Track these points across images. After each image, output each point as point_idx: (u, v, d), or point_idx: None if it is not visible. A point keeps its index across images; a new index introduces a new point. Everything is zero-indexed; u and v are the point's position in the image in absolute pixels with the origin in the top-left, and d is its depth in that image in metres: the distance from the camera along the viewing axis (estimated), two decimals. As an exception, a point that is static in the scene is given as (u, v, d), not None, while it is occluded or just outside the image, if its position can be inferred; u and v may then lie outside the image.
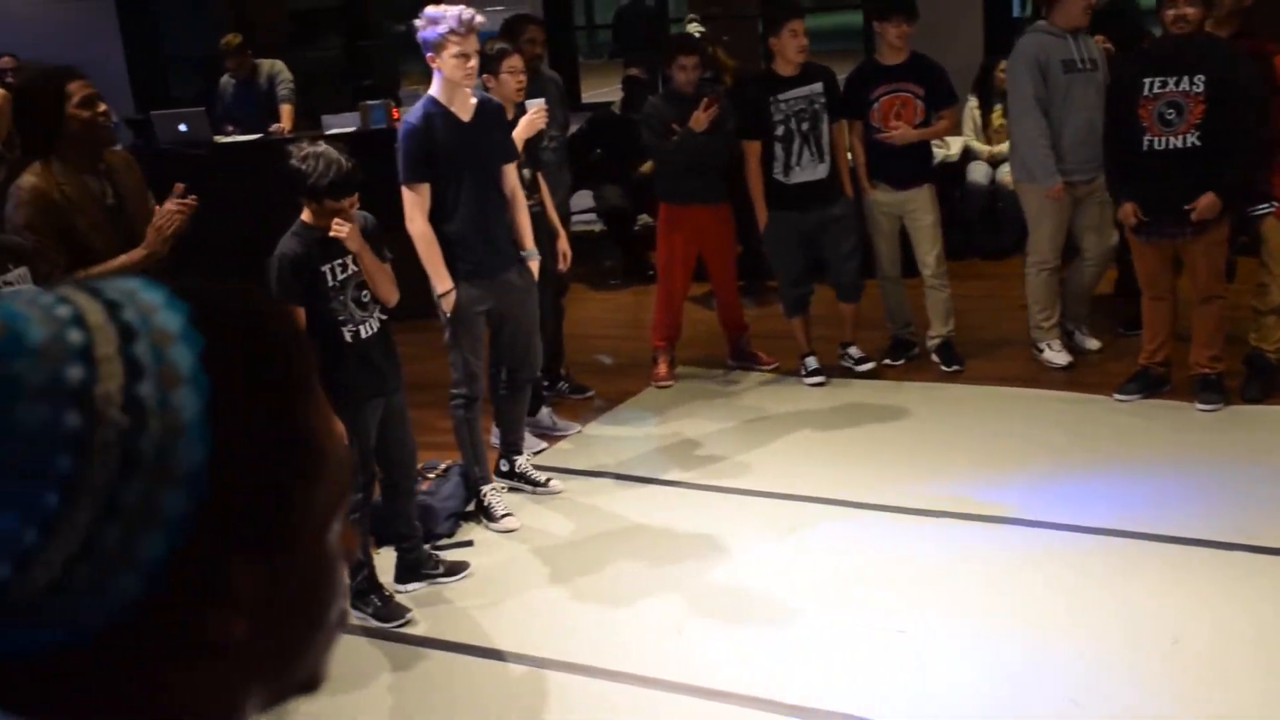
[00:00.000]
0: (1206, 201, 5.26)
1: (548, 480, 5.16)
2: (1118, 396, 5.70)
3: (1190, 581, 4.01)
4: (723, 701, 3.55)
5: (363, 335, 4.04)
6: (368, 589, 4.18)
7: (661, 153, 6.26)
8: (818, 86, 6.03)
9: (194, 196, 3.86)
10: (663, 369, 6.39)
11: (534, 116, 5.18)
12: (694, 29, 8.03)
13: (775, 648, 3.82)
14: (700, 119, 6.00)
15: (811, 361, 6.22)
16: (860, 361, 6.27)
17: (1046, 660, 3.63)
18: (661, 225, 6.38)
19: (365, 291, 4.04)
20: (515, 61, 5.27)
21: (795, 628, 3.93)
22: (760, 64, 7.84)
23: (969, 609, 3.96)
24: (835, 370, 6.26)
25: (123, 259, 3.75)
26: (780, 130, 6.00)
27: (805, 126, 6.00)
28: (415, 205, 4.59)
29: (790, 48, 5.95)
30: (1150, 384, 5.71)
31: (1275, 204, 5.44)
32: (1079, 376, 6.04)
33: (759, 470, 5.21)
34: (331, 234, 3.92)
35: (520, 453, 5.20)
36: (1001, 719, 3.38)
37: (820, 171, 6.04)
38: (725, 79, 7.70)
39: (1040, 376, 6.08)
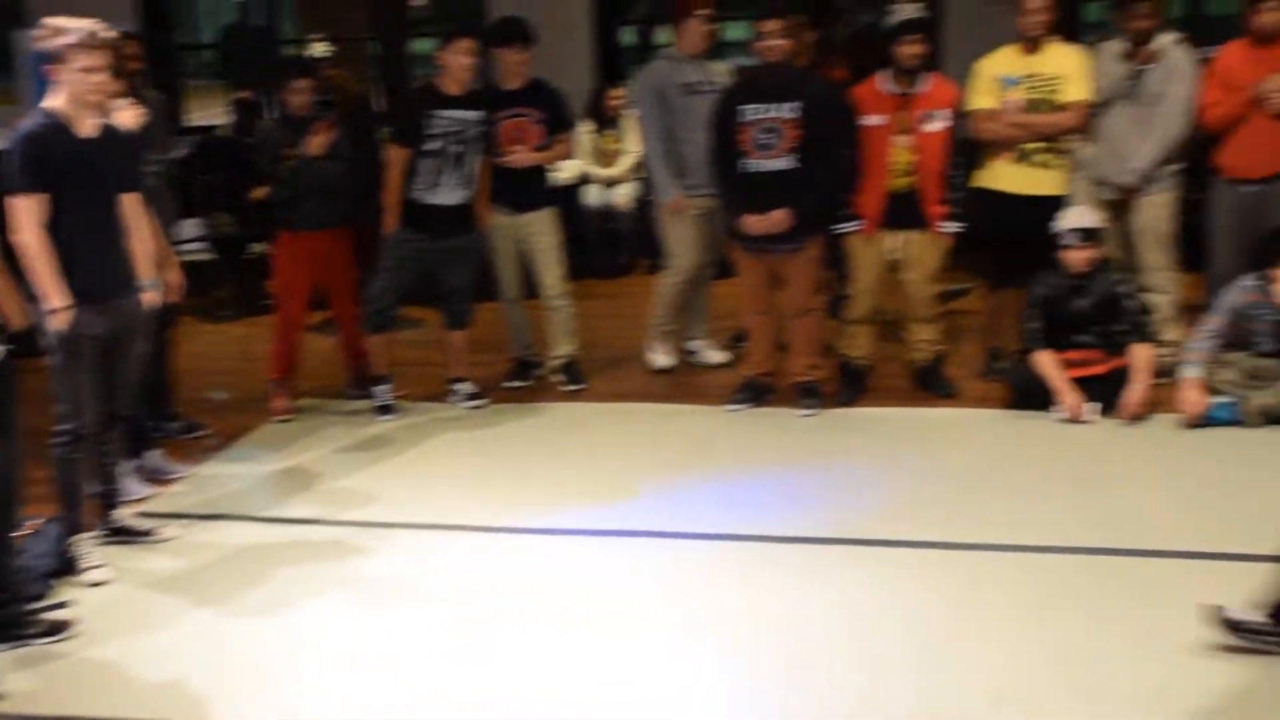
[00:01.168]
0: (777, 216, 5.63)
1: (150, 531, 4.84)
2: (729, 407, 6.01)
3: (805, 574, 4.27)
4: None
5: None
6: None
7: (276, 178, 6.07)
8: (480, 114, 5.99)
9: None
10: (281, 402, 6.18)
11: (123, 115, 4.84)
12: (322, 50, 7.82)
13: (406, 678, 3.76)
14: (315, 143, 5.87)
15: (381, 392, 6.15)
16: (470, 398, 6.26)
17: (684, 666, 3.75)
18: (278, 253, 6.18)
19: None
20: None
21: (421, 655, 3.89)
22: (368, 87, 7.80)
23: (605, 623, 4.03)
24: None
25: None
26: (432, 147, 5.93)
27: (458, 150, 5.96)
28: (28, 214, 4.26)
29: (454, 66, 5.91)
30: (757, 393, 6.06)
31: (859, 222, 5.90)
32: (696, 389, 6.32)
33: (387, 501, 5.13)
34: None
35: (115, 506, 4.84)
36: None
37: (459, 198, 6.01)
38: (346, 102, 7.57)
39: (660, 391, 6.32)
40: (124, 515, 4.85)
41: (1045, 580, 4.15)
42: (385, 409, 6.14)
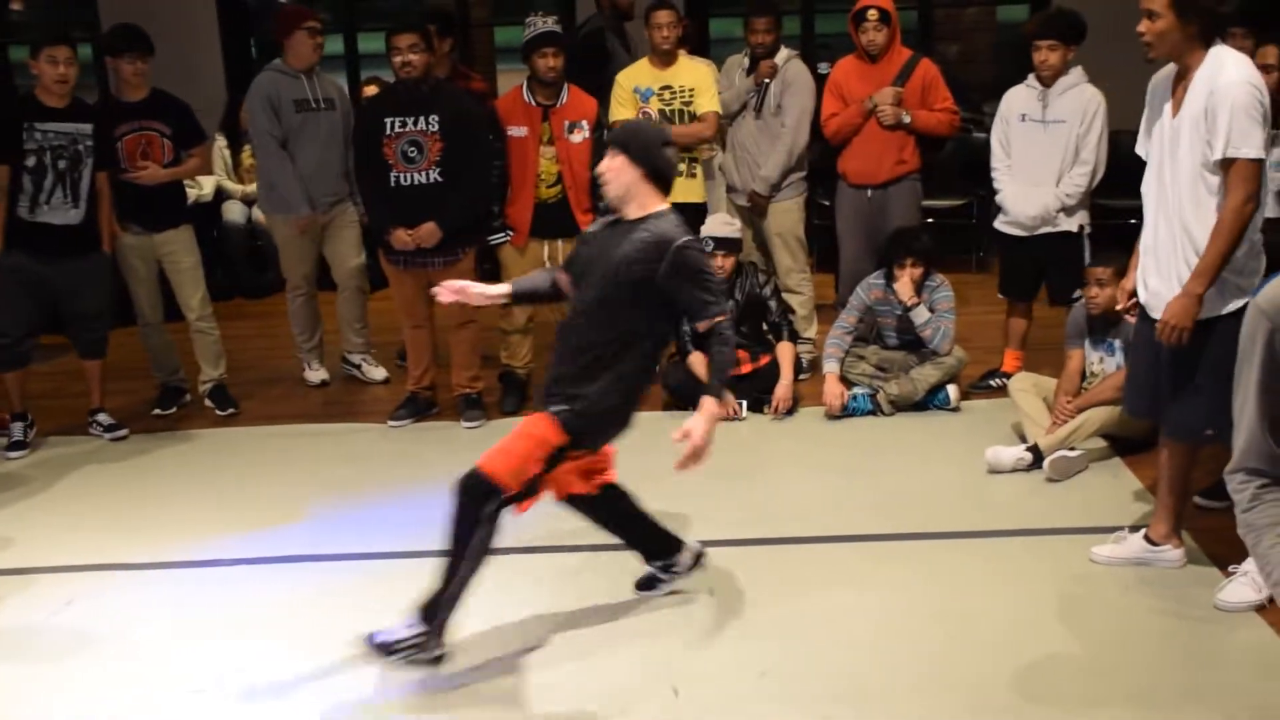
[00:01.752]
0: (426, 230, 5.64)
1: None
2: (391, 423, 5.94)
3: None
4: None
5: None
6: None
7: None
8: (86, 127, 5.64)
9: None
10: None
11: None
12: None
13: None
14: None
15: (16, 429, 5.77)
16: (110, 429, 5.93)
17: (349, 686, 3.69)
18: None
19: None
20: None
21: (82, 701, 3.64)
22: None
23: (268, 654, 3.89)
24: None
25: None
26: (32, 161, 5.52)
27: (63, 165, 5.57)
28: None
29: (47, 75, 5.52)
30: (420, 408, 6.02)
31: (510, 233, 5.97)
32: (358, 407, 6.21)
33: (19, 544, 4.77)
34: None
35: None
36: None
37: (73, 217, 5.63)
38: None
39: (319, 411, 6.17)
40: None
41: (712, 571, 4.29)
42: (17, 445, 5.69)
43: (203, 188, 8.26)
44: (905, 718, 3.43)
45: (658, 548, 4.14)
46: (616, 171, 3.77)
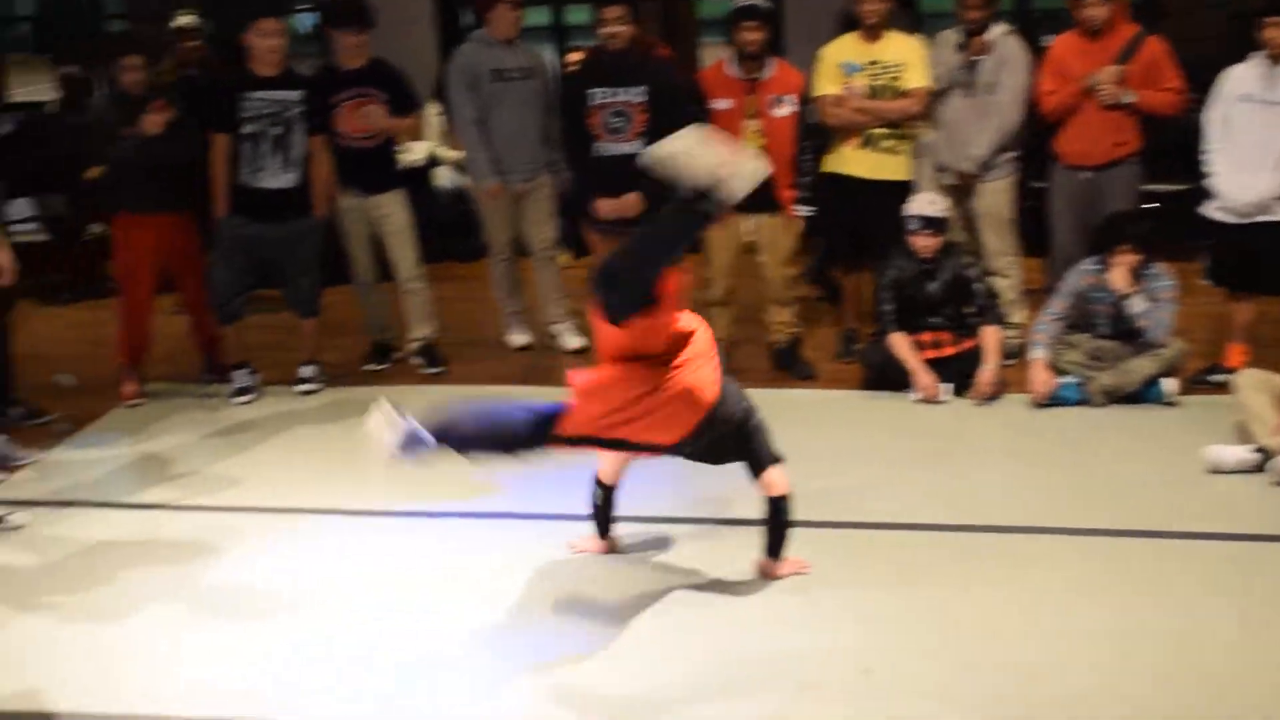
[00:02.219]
0: (630, 200, 5.69)
1: (2, 516, 4.66)
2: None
3: (640, 558, 4.32)
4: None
5: None
6: None
7: (112, 159, 5.86)
8: (295, 94, 5.88)
9: None
10: (131, 386, 5.99)
11: None
12: (187, 21, 7.54)
13: (278, 658, 3.70)
14: (152, 122, 5.68)
15: (240, 376, 6.05)
16: (307, 381, 6.15)
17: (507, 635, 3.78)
18: (118, 235, 5.97)
19: None
20: None
21: (298, 637, 3.83)
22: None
23: (463, 605, 4.02)
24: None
25: None
26: (249, 129, 5.79)
27: (277, 131, 5.83)
28: None
29: (260, 48, 5.77)
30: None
31: (711, 207, 5.97)
32: (558, 373, 6.31)
33: (242, 484, 5.04)
34: None
35: None
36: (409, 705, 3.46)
37: (287, 181, 5.89)
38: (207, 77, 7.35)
39: (520, 375, 6.31)
40: None
41: (903, 556, 4.27)
42: (241, 392, 6.00)
43: (415, 154, 8.52)
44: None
45: None
46: None
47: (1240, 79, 5.60)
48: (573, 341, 6.68)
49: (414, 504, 4.76)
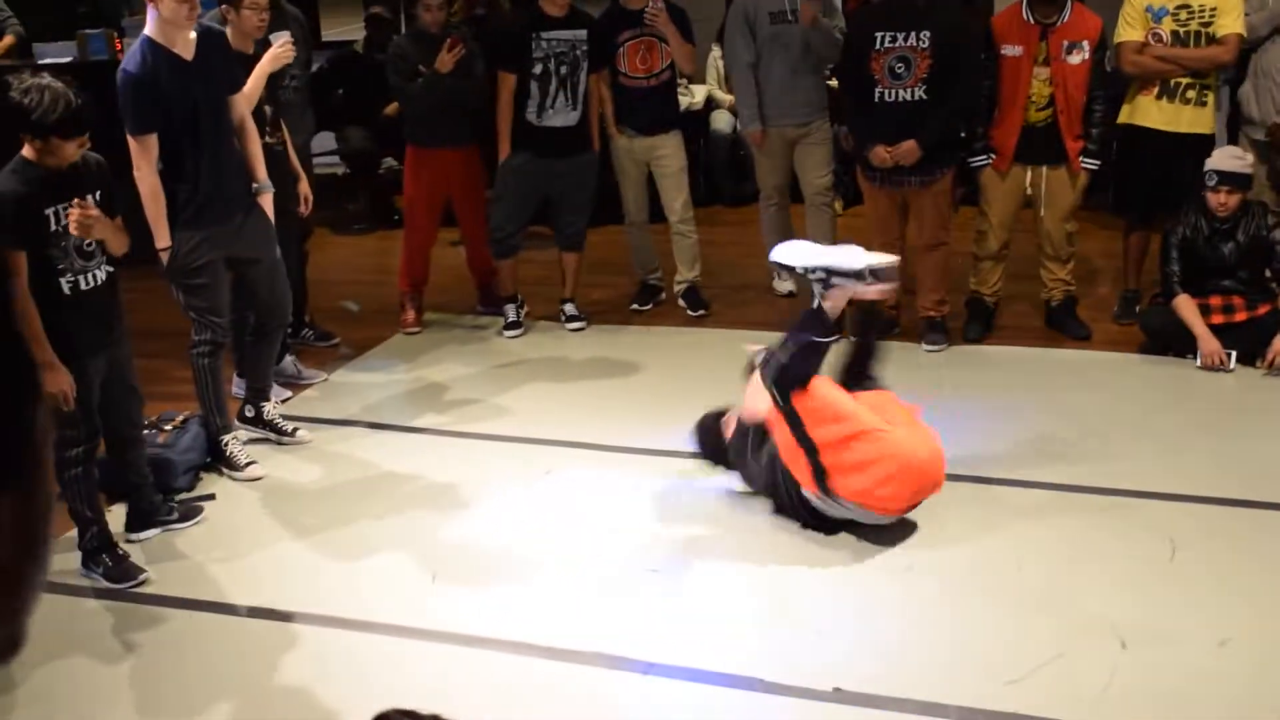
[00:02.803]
0: (906, 147, 5.53)
1: (294, 430, 5.01)
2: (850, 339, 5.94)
3: (920, 512, 4.23)
4: (478, 648, 3.55)
5: (83, 286, 3.78)
6: (98, 547, 3.97)
7: (407, 94, 6.14)
8: (582, 33, 6.01)
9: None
10: (410, 315, 6.30)
11: (279, 51, 4.98)
12: None
13: (529, 591, 3.84)
14: (445, 60, 5.90)
15: (510, 311, 6.22)
16: (572, 319, 6.29)
17: (794, 597, 3.78)
18: (408, 168, 6.27)
19: (91, 241, 3.80)
20: None
21: (549, 570, 3.96)
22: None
23: (720, 549, 4.05)
24: (582, 316, 6.30)
25: None
26: (539, 69, 5.95)
27: (564, 70, 5.97)
28: (142, 156, 4.32)
29: None
30: (882, 328, 5.98)
31: (992, 155, 5.77)
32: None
33: (509, 415, 5.21)
34: (73, 230, 3.67)
35: (268, 399, 5.04)
36: (760, 650, 3.48)
37: (572, 119, 6.03)
38: (500, 12, 7.61)
39: (782, 321, 6.27)
40: (272, 410, 5.02)
41: (1176, 529, 4.05)
42: (513, 325, 6.21)
43: (694, 96, 8.56)
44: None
45: None
46: None
47: None
48: None
49: (676, 445, 4.83)
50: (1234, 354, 5.36)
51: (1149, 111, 5.81)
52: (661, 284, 6.64)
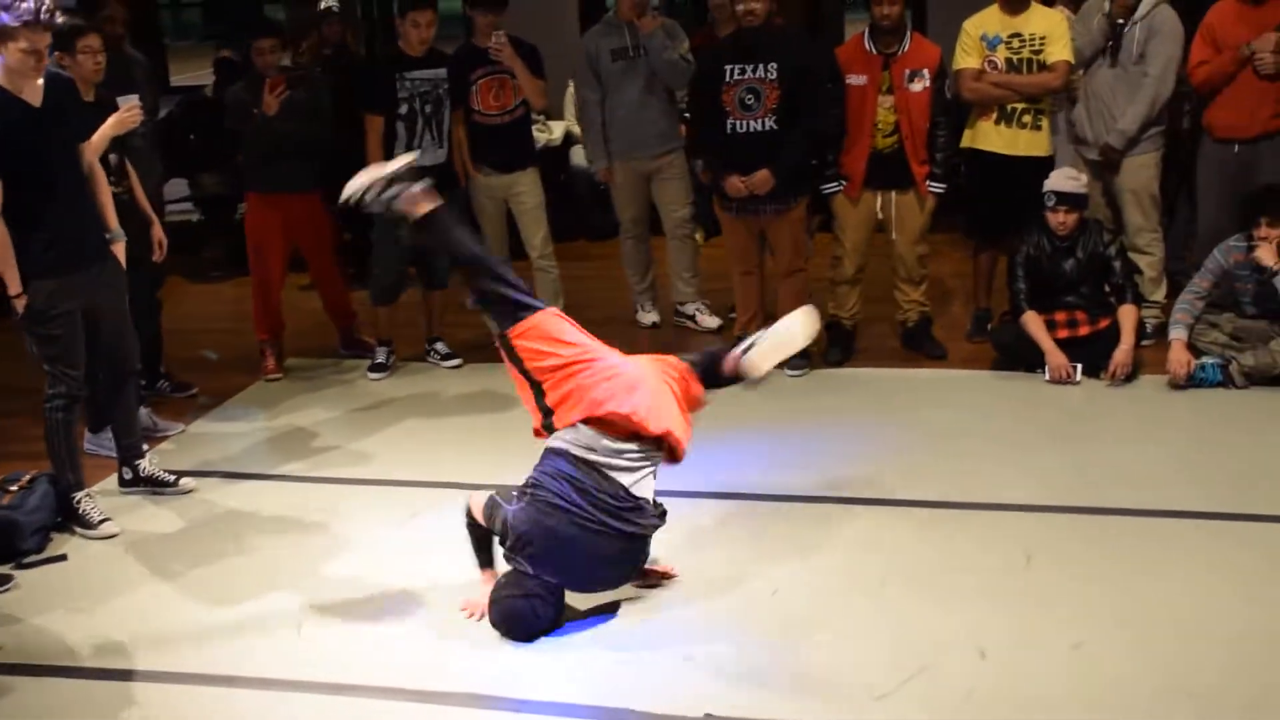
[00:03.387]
0: (760, 177, 5.64)
1: (178, 479, 4.89)
2: (717, 368, 6.01)
3: (787, 534, 4.30)
4: (349, 695, 3.49)
5: None
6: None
7: (243, 139, 6.07)
8: (442, 72, 6.04)
9: None
10: (271, 362, 6.21)
11: (125, 116, 4.86)
12: (328, 3, 7.78)
13: (402, 634, 3.79)
14: (269, 102, 5.85)
15: (380, 353, 6.19)
16: (446, 358, 6.28)
17: (663, 624, 3.80)
18: (250, 214, 6.20)
19: None
20: (93, 40, 4.96)
21: (423, 613, 3.92)
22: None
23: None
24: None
25: None
26: (404, 109, 5.93)
27: (429, 109, 5.98)
28: None
29: (412, 37, 5.93)
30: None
31: (844, 182, 5.92)
32: (687, 351, 6.27)
33: (375, 458, 5.17)
34: None
35: (141, 456, 4.90)
36: (631, 680, 3.48)
37: (440, 157, 6.04)
38: (351, 53, 7.60)
39: (651, 353, 6.30)
40: (149, 465, 4.90)
41: (1032, 538, 4.18)
42: (378, 368, 6.16)
43: (553, 132, 8.61)
44: (1233, 710, 3.22)
45: None
46: None
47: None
48: (710, 322, 6.65)
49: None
50: (1080, 366, 5.57)
51: (989, 136, 6.01)
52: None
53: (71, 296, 4.41)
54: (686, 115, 6.41)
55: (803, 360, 5.92)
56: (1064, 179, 5.72)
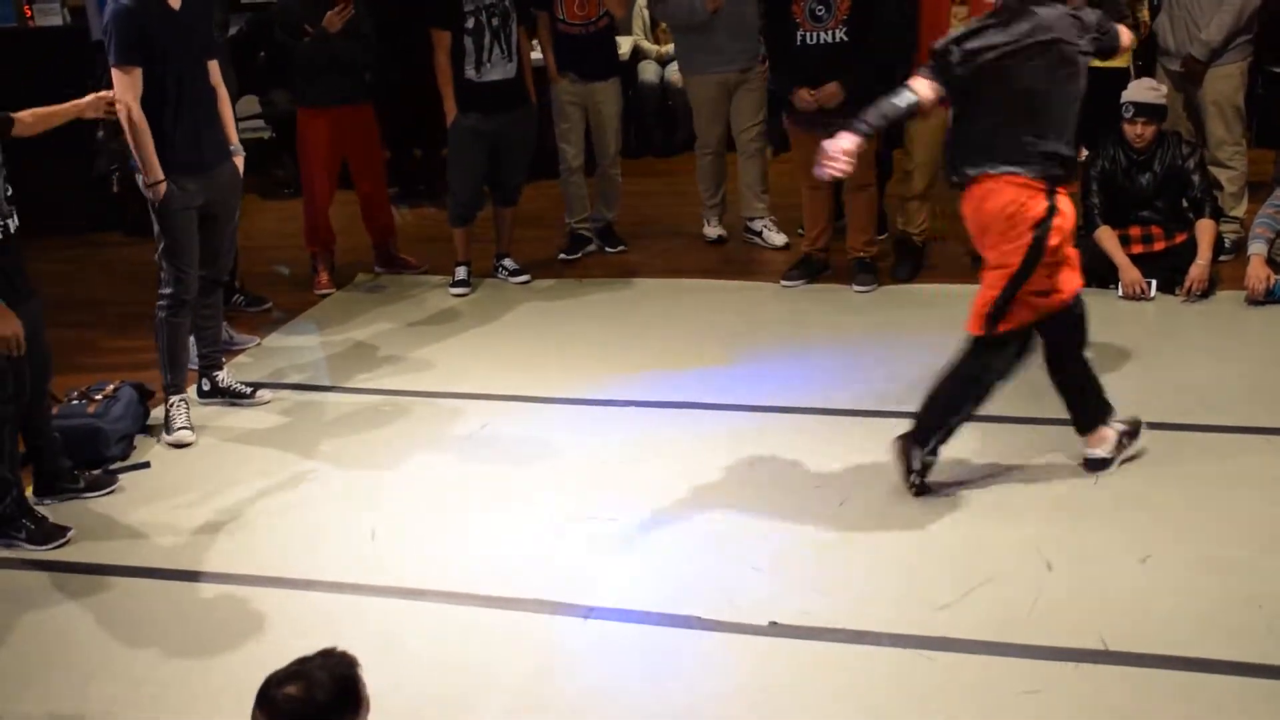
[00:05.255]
0: (829, 90, 5.56)
1: (254, 391, 5.00)
2: (784, 283, 6.01)
3: (854, 448, 4.31)
4: (420, 600, 3.58)
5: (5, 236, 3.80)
6: (16, 513, 3.95)
7: (294, 54, 6.07)
8: None
9: None
10: (324, 276, 6.29)
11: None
12: None
13: (473, 542, 3.87)
14: (334, 20, 5.85)
15: (461, 271, 6.19)
16: (515, 274, 6.30)
17: (734, 532, 3.84)
18: (301, 129, 6.18)
19: (10, 187, 3.78)
20: None
21: (493, 521, 3.99)
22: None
23: (659, 491, 4.10)
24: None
25: None
26: (471, 24, 5.88)
27: (496, 23, 5.91)
28: (127, 89, 4.35)
29: None
30: (813, 269, 6.05)
31: (918, 98, 5.80)
32: (754, 266, 6.32)
33: (447, 372, 5.22)
34: None
35: (220, 367, 5.02)
36: (698, 588, 3.54)
37: (511, 71, 5.98)
38: None
39: (717, 268, 6.34)
40: (228, 377, 5.01)
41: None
42: (461, 284, 6.18)
43: (621, 47, 8.53)
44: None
45: (1086, 413, 4.02)
46: None
47: None
48: (776, 239, 6.59)
49: (613, 393, 4.88)
50: (1154, 282, 5.48)
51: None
52: (590, 233, 6.65)
53: (196, 195, 4.54)
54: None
55: (870, 276, 5.90)
56: (1143, 89, 5.58)
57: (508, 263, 6.34)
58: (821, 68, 5.62)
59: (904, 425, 4.37)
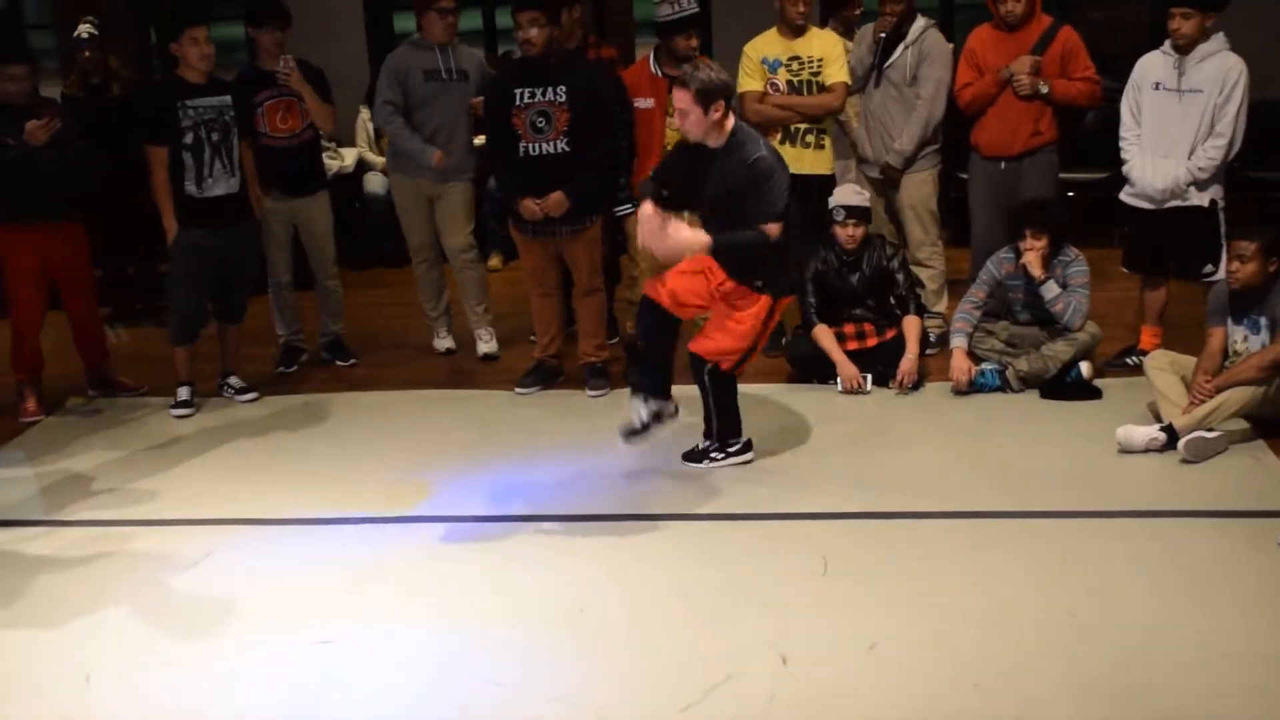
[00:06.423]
0: (555, 198, 5.68)
1: None
2: (518, 390, 6.02)
3: (593, 554, 4.33)
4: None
5: None
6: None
7: None
8: (227, 99, 5.85)
9: None
10: (30, 404, 5.95)
11: None
12: (85, 30, 7.42)
13: (197, 677, 3.68)
14: (37, 131, 5.60)
15: (184, 392, 5.97)
16: (241, 392, 6.13)
17: (472, 647, 3.77)
18: (5, 248, 5.84)
19: None
20: None
21: (214, 648, 3.81)
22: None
23: (394, 610, 4.01)
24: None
25: None
26: (189, 139, 5.73)
27: (216, 137, 5.77)
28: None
29: (190, 56, 5.72)
30: (546, 376, 6.10)
31: (636, 204, 5.98)
32: (488, 375, 6.31)
33: (164, 498, 4.98)
34: None
35: None
36: (436, 705, 3.46)
37: (234, 185, 5.85)
38: (113, 87, 7.28)
39: (449, 379, 6.30)
40: None
41: (829, 544, 4.30)
42: (184, 405, 5.94)
43: (345, 159, 8.48)
44: (1016, 698, 3.38)
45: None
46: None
47: (1151, 67, 5.68)
48: (483, 348, 6.55)
49: (342, 510, 4.76)
50: (869, 376, 5.78)
51: (774, 156, 6.17)
52: (304, 344, 6.54)
53: None
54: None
55: (603, 380, 5.98)
56: (849, 193, 5.93)
57: (234, 380, 6.13)
58: (545, 177, 5.72)
59: (647, 531, 4.47)
